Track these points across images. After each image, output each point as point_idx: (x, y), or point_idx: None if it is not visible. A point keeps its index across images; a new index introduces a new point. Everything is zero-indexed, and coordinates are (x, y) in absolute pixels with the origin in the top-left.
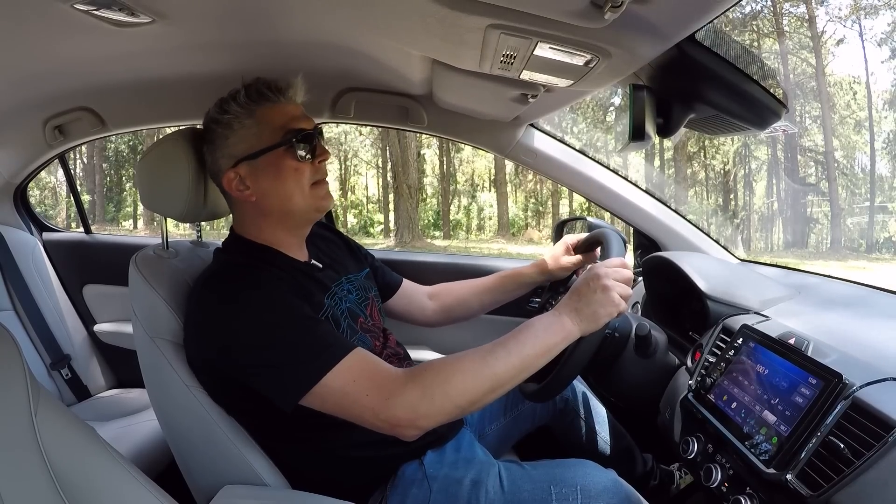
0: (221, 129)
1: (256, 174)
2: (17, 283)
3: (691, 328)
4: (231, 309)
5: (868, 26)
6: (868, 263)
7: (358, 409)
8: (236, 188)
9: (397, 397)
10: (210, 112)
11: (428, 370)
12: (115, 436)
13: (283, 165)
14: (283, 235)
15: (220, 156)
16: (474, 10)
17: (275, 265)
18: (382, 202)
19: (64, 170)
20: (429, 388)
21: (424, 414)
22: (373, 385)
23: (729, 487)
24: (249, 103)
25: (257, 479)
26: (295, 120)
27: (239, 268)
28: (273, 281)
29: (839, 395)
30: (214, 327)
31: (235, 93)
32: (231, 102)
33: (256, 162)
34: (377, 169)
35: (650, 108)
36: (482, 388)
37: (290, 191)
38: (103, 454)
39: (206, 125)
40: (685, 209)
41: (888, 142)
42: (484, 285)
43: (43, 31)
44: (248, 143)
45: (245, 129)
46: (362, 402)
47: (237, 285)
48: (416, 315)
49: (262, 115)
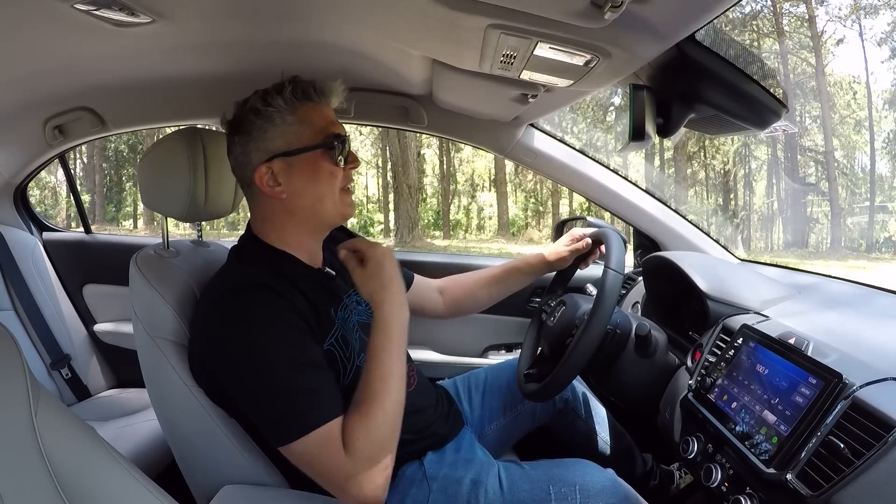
0: (261, 122)
1: (291, 172)
2: (17, 283)
3: (691, 328)
4: (235, 341)
5: (868, 26)
6: (868, 263)
7: (319, 478)
8: (267, 183)
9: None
10: (250, 102)
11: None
12: (115, 436)
13: (319, 167)
14: (304, 238)
15: (254, 148)
16: (474, 10)
17: (290, 276)
18: (382, 202)
19: (64, 170)
20: (369, 454)
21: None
22: (334, 460)
23: (729, 487)
24: (294, 100)
25: (257, 478)
26: (334, 124)
27: (251, 287)
28: (283, 305)
29: (839, 394)
30: (216, 352)
31: (281, 87)
32: (277, 96)
33: (293, 160)
34: (377, 169)
35: (650, 108)
36: (392, 420)
37: (322, 193)
38: (103, 454)
39: (243, 115)
40: (685, 209)
41: (888, 142)
42: (491, 277)
43: (43, 31)
44: (286, 139)
45: (286, 126)
46: (323, 474)
47: (246, 313)
48: (428, 310)
49: (304, 114)
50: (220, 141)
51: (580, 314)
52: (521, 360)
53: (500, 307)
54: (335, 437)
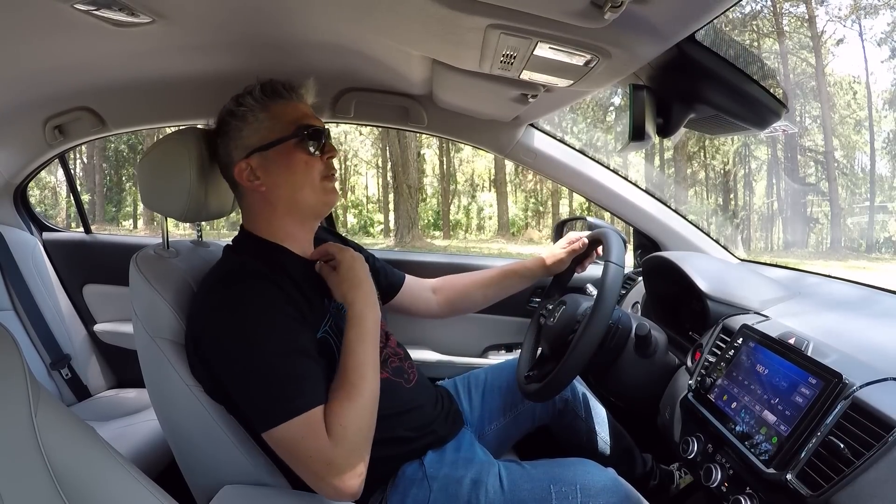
0: (236, 122)
1: (267, 165)
2: (17, 283)
3: (691, 328)
4: (228, 327)
5: (868, 26)
6: (868, 263)
7: (299, 469)
8: (247, 178)
9: (334, 467)
10: (226, 106)
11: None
12: (115, 436)
13: (293, 158)
14: (292, 229)
15: (234, 147)
16: (474, 10)
17: (283, 266)
18: (382, 202)
19: (64, 170)
20: (350, 440)
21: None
22: (316, 448)
23: (729, 487)
24: (264, 98)
25: (257, 478)
26: (306, 117)
27: (244, 276)
28: (276, 294)
29: (839, 394)
30: (210, 338)
31: (252, 88)
32: (247, 97)
33: (268, 153)
34: (377, 169)
35: (650, 108)
36: (370, 408)
37: (300, 182)
38: (103, 454)
39: (222, 118)
40: (685, 209)
41: (888, 142)
42: (487, 278)
43: (43, 31)
44: (260, 135)
45: (258, 123)
46: (303, 463)
47: (239, 298)
48: (421, 309)
49: (276, 111)
50: None
51: (581, 311)
52: (520, 363)
53: (499, 307)
54: (318, 423)
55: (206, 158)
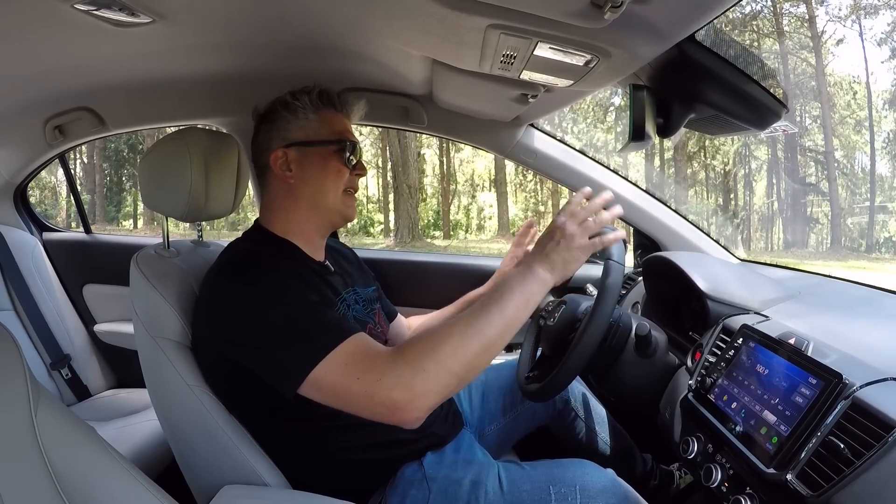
0: (286, 113)
1: (302, 161)
2: (17, 283)
3: (691, 328)
4: (241, 287)
5: (868, 26)
6: (868, 263)
7: (351, 396)
8: (280, 166)
9: (388, 376)
10: (281, 97)
11: (415, 344)
12: (115, 436)
13: (329, 163)
14: (306, 227)
15: (276, 135)
16: (474, 10)
17: (294, 256)
18: (382, 202)
19: (64, 170)
20: (419, 360)
21: (421, 391)
22: (363, 368)
23: (729, 487)
24: (319, 102)
25: (258, 479)
26: (348, 132)
27: (255, 254)
28: (286, 269)
29: (839, 395)
30: (224, 305)
31: (310, 89)
32: (304, 95)
33: (307, 150)
34: (377, 169)
35: (650, 108)
36: (472, 350)
37: (327, 187)
38: (103, 454)
39: (273, 107)
40: (685, 209)
41: (888, 142)
42: (449, 313)
43: (43, 31)
44: (305, 132)
45: (307, 121)
46: (355, 389)
47: (250, 266)
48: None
49: (325, 117)
50: (220, 141)
51: (581, 311)
52: (520, 363)
53: None
54: (361, 349)
55: (206, 158)
